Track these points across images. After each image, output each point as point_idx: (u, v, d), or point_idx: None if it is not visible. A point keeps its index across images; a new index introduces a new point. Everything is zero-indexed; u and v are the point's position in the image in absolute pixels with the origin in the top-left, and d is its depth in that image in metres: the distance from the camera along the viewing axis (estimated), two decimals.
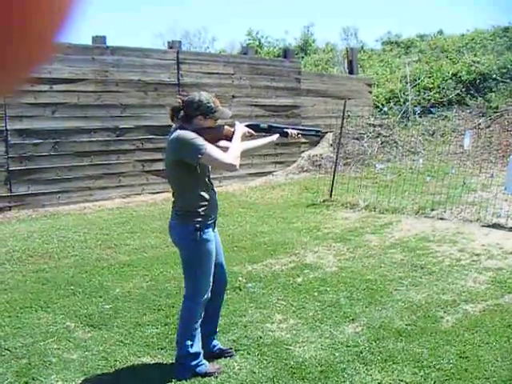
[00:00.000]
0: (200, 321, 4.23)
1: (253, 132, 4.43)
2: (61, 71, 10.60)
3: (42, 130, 10.59)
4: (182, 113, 4.18)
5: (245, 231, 8.96)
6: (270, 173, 14.58)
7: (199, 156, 3.92)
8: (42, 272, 6.91)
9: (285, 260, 7.39)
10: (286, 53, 16.31)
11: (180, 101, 4.20)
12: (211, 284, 4.22)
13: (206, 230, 4.11)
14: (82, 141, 11.10)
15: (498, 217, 9.38)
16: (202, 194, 4.12)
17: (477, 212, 9.60)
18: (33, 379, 4.27)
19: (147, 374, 4.32)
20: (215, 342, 4.61)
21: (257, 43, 27.10)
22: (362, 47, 25.01)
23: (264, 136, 4.63)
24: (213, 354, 4.54)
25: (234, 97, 13.62)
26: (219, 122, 4.35)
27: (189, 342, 4.17)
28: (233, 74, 13.67)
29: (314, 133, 5.22)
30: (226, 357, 4.55)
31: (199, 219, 4.08)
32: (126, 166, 11.79)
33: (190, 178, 4.10)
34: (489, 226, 8.97)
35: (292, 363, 4.46)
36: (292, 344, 4.83)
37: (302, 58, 23.59)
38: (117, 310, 5.62)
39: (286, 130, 4.58)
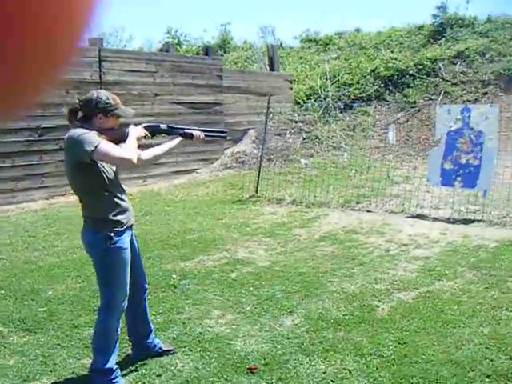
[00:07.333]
0: (117, 334, 4.02)
1: (148, 134, 4.18)
2: None
3: None
4: (80, 114, 3.87)
5: (173, 229, 8.86)
6: (193, 170, 14.52)
7: (91, 150, 3.55)
8: None
9: (216, 256, 7.35)
10: (207, 50, 16.27)
11: (78, 101, 3.92)
12: (127, 294, 4.00)
13: (118, 238, 3.84)
14: (2, 141, 10.71)
15: (421, 208, 9.65)
16: (111, 198, 3.86)
17: (401, 204, 9.85)
18: None
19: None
20: (156, 341, 4.49)
21: (176, 41, 26.91)
22: (281, 45, 25.17)
23: (166, 137, 4.42)
24: (155, 354, 4.45)
25: (156, 95, 13.47)
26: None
27: (103, 358, 3.93)
28: (155, 72, 13.50)
29: (220, 134, 5.05)
30: (168, 355, 4.47)
31: (110, 227, 3.82)
32: (49, 167, 11.45)
33: (94, 182, 3.78)
34: (413, 217, 9.21)
35: (235, 358, 4.43)
36: (233, 339, 4.80)
37: (222, 55, 23.55)
38: (51, 313, 5.43)
39: (189, 131, 4.34)
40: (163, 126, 4.34)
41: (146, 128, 4.21)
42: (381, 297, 5.69)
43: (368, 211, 9.81)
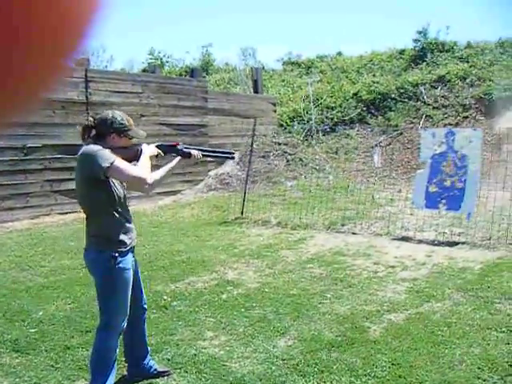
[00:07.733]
0: (115, 354, 4.00)
1: (161, 153, 4.24)
2: None
3: None
4: (93, 132, 3.93)
5: (161, 250, 8.89)
6: (178, 191, 14.55)
7: (107, 166, 3.62)
8: None
9: (206, 277, 7.38)
10: (193, 72, 16.41)
11: (92, 119, 3.97)
12: (128, 313, 4.00)
13: (122, 258, 3.85)
14: None
15: (406, 230, 9.75)
16: (119, 217, 3.89)
17: (386, 226, 9.94)
18: None
19: None
20: (151, 363, 4.51)
21: (158, 62, 27.04)
22: (263, 67, 25.37)
23: (174, 157, 4.40)
24: (150, 375, 4.46)
25: (142, 116, 13.53)
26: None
27: (101, 378, 3.91)
28: (141, 93, 13.60)
29: (227, 155, 5.03)
30: (163, 376, 4.49)
31: (115, 247, 3.83)
32: (34, 186, 11.45)
33: (103, 200, 3.81)
34: (398, 239, 9.30)
35: (231, 379, 4.46)
36: (228, 360, 4.83)
37: (204, 77, 23.71)
38: (43, 334, 5.43)
39: (187, 150, 4.36)
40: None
41: (158, 147, 4.27)
42: (372, 318, 5.75)
43: (353, 233, 9.90)
